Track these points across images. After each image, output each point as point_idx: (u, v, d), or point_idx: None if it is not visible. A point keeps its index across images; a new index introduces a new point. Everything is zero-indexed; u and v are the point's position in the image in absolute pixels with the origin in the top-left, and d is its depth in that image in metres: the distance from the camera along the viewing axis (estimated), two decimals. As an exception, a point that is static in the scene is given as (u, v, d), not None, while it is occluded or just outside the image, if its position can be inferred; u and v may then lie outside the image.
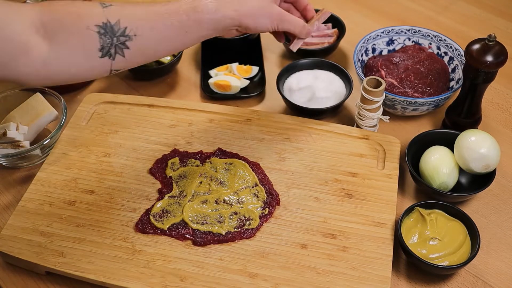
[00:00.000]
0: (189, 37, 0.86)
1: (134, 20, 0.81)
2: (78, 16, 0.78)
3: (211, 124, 1.08)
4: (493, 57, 0.96)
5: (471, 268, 0.91)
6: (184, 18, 0.83)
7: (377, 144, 1.04)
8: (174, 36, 0.84)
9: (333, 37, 1.28)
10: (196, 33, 0.86)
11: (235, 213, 0.93)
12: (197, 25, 0.85)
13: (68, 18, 0.78)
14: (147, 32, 0.81)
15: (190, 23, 0.84)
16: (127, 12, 0.81)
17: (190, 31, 0.85)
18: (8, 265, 0.92)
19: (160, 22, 0.82)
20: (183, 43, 0.87)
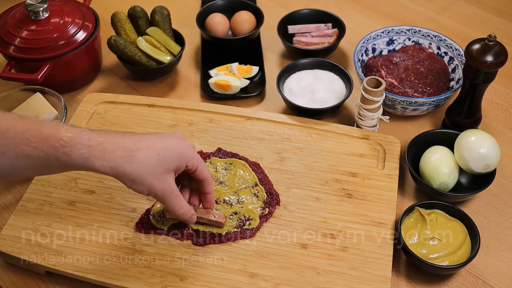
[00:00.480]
0: (52, 172, 0.79)
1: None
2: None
3: (211, 124, 1.08)
4: (493, 57, 0.96)
5: (471, 268, 0.91)
6: (42, 154, 0.73)
7: (377, 144, 1.04)
8: (31, 168, 0.75)
9: (333, 37, 1.28)
10: (61, 171, 0.78)
11: (235, 213, 0.93)
12: (60, 166, 0.75)
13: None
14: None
15: (51, 162, 0.74)
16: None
17: (53, 169, 0.76)
18: (8, 265, 0.92)
19: (16, 149, 0.72)
20: (45, 174, 0.80)
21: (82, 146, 0.74)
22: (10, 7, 1.21)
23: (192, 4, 1.47)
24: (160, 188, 0.79)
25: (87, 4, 1.26)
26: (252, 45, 1.30)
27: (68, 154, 0.73)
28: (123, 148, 0.76)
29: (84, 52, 1.18)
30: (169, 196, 0.81)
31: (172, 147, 0.79)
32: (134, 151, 0.76)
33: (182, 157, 0.80)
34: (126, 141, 0.77)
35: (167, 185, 0.80)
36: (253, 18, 1.30)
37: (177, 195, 0.82)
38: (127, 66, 1.22)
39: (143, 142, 0.78)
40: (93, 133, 0.76)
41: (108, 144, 0.75)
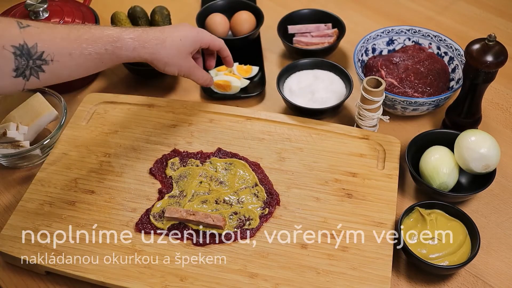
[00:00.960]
0: (104, 66, 0.91)
1: (53, 45, 0.82)
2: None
3: (211, 124, 1.08)
4: (493, 57, 0.96)
5: (471, 268, 0.91)
6: (102, 50, 0.88)
7: (377, 144, 1.04)
8: (90, 65, 0.89)
9: (333, 37, 1.28)
10: (111, 64, 0.92)
11: (235, 213, 0.93)
12: (114, 59, 0.91)
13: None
14: (64, 58, 0.84)
15: (107, 56, 0.89)
16: (46, 36, 0.82)
17: (105, 62, 0.90)
18: (8, 265, 0.92)
19: (78, 51, 0.85)
20: (97, 70, 0.93)
21: (128, 40, 0.91)
22: (10, 7, 1.21)
23: (192, 4, 1.47)
24: (186, 66, 1.01)
25: (87, 4, 1.26)
26: (252, 45, 1.30)
27: (119, 47, 0.90)
28: (156, 37, 0.95)
29: (84, 52, 1.17)
30: (194, 71, 1.03)
31: (187, 33, 1.00)
32: (164, 39, 0.96)
33: (196, 39, 1.01)
34: (154, 33, 0.96)
35: (190, 62, 1.02)
36: (253, 18, 1.30)
37: (199, 68, 1.05)
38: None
39: (167, 32, 0.97)
40: (130, 29, 0.93)
41: (145, 35, 0.94)
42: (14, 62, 0.78)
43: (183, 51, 0.99)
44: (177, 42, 0.97)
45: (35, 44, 0.80)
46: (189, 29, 1.01)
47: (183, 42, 0.98)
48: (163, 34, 0.96)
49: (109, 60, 0.90)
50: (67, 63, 0.85)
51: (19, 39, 0.79)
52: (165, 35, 0.96)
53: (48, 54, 0.81)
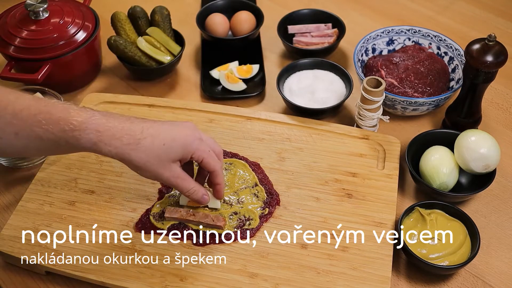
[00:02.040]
0: (62, 152, 0.83)
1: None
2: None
3: (211, 124, 1.08)
4: (493, 57, 0.96)
5: (471, 268, 0.91)
6: (56, 138, 0.75)
7: (377, 144, 1.04)
8: (43, 148, 0.78)
9: (333, 37, 1.28)
10: (68, 152, 0.83)
11: (235, 213, 0.93)
12: (69, 148, 0.78)
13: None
14: (10, 137, 0.75)
15: (61, 144, 0.76)
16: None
17: (60, 150, 0.80)
18: (8, 265, 0.92)
19: (26, 132, 0.75)
20: (54, 154, 0.83)
21: (90, 131, 0.76)
22: (10, 7, 1.21)
23: (192, 4, 1.47)
24: (165, 176, 0.81)
25: (87, 4, 1.26)
26: (252, 45, 1.30)
27: (77, 137, 0.75)
28: (130, 135, 0.78)
29: (84, 52, 1.18)
30: (176, 182, 0.83)
31: (178, 138, 0.81)
32: (140, 139, 0.78)
33: (187, 148, 0.81)
34: (134, 128, 0.78)
35: (172, 172, 0.82)
36: (253, 18, 1.30)
37: (184, 179, 0.84)
38: (127, 66, 1.22)
39: (151, 130, 0.79)
40: (103, 118, 0.77)
41: (116, 130, 0.77)
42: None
43: (164, 158, 0.80)
44: (158, 147, 0.79)
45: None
46: (185, 133, 0.82)
47: (166, 147, 0.79)
48: (143, 133, 0.78)
49: (65, 148, 0.78)
50: (13, 142, 0.75)
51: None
52: (145, 134, 0.78)
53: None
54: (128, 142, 0.77)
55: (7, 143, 0.76)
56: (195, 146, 0.82)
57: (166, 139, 0.80)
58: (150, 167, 0.80)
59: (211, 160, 0.85)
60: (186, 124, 0.84)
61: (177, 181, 0.83)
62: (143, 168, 0.80)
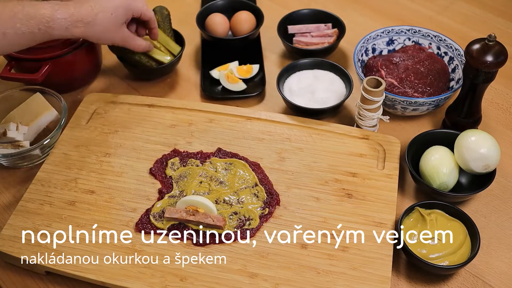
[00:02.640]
0: (35, 42, 0.96)
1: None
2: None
3: (211, 124, 1.08)
4: (493, 57, 0.96)
5: (471, 268, 0.91)
6: (35, 30, 0.93)
7: (377, 144, 1.04)
8: (23, 42, 0.95)
9: (333, 37, 1.28)
10: (43, 40, 0.97)
11: (235, 213, 0.93)
12: (47, 37, 0.96)
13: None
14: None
15: (40, 35, 0.94)
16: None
17: (38, 40, 0.96)
18: (8, 265, 0.92)
19: (13, 30, 0.91)
20: (29, 46, 0.97)
21: (60, 20, 0.95)
22: (10, 7, 1.21)
23: (192, 4, 1.47)
24: (119, 38, 1.06)
25: (87, 4, 1.25)
26: (252, 45, 1.30)
27: (52, 27, 0.95)
28: (87, 14, 0.98)
29: (84, 52, 1.17)
30: (127, 41, 1.08)
31: (119, 5, 1.02)
32: (95, 16, 0.99)
33: (129, 10, 1.04)
34: (87, 8, 0.98)
35: (123, 33, 1.06)
36: (253, 18, 1.30)
37: (133, 37, 1.09)
38: (127, 66, 1.22)
39: (98, 6, 0.99)
40: (63, 7, 0.96)
41: (77, 13, 0.97)
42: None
43: (115, 23, 1.02)
44: (108, 17, 1.00)
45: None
46: (124, 1, 1.03)
47: (114, 15, 1.01)
48: (94, 9, 0.98)
49: (41, 38, 0.95)
50: (1, 42, 0.91)
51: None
52: (96, 10, 0.99)
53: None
54: (88, 21, 0.98)
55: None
56: (133, 4, 1.04)
57: (111, 9, 1.00)
58: (107, 34, 1.03)
59: (147, 11, 1.08)
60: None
61: (128, 40, 1.07)
62: (103, 37, 1.03)
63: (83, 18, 0.97)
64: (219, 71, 1.22)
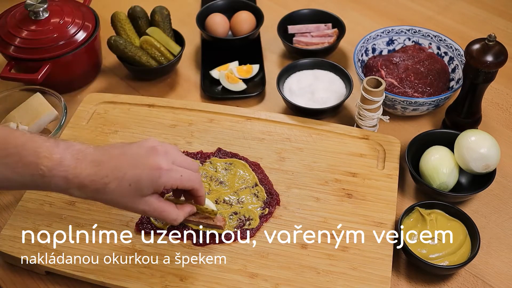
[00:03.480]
0: (29, 189, 0.83)
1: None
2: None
3: (211, 124, 1.08)
4: (493, 57, 0.96)
5: (471, 268, 0.91)
6: (26, 181, 0.76)
7: (377, 144, 1.04)
8: (11, 186, 0.81)
9: (333, 37, 1.28)
10: (38, 190, 0.84)
11: (235, 213, 0.93)
12: (41, 189, 0.79)
13: None
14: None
15: (32, 186, 0.78)
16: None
17: (32, 189, 0.84)
18: (8, 265, 0.92)
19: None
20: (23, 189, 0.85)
21: (59, 179, 0.75)
22: (10, 7, 1.21)
23: (192, 4, 1.47)
24: (141, 209, 0.79)
25: (87, 4, 1.26)
26: (252, 45, 1.30)
27: (47, 182, 0.76)
28: (96, 181, 0.76)
29: (84, 52, 1.18)
30: (153, 214, 0.80)
31: (143, 177, 0.76)
32: (107, 183, 0.76)
33: (156, 184, 0.77)
34: (100, 173, 0.76)
35: (149, 206, 0.79)
36: (253, 18, 1.30)
37: (163, 211, 0.80)
38: (127, 66, 1.22)
39: (116, 172, 0.76)
40: (72, 161, 0.76)
41: (83, 177, 0.76)
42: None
43: (135, 196, 0.77)
44: (125, 188, 0.76)
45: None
46: (149, 166, 0.77)
47: (133, 187, 0.76)
48: (109, 176, 0.76)
49: (35, 188, 0.80)
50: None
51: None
52: (110, 178, 0.76)
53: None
54: (95, 188, 0.76)
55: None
56: (163, 180, 0.78)
57: (130, 180, 0.76)
58: (123, 205, 0.79)
59: (186, 183, 0.80)
60: (150, 151, 0.78)
61: (154, 214, 0.80)
62: (117, 206, 0.80)
63: (91, 185, 0.76)
64: (219, 71, 1.22)
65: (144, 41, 1.20)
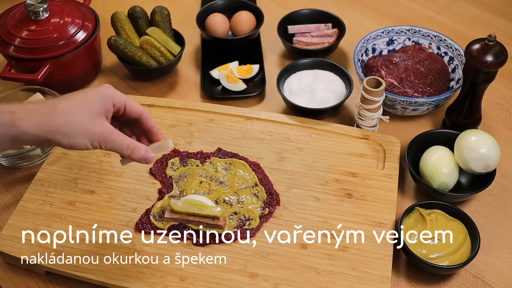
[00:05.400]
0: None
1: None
2: None
3: (211, 124, 1.08)
4: (493, 57, 0.96)
5: (471, 268, 0.91)
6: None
7: (377, 144, 1.04)
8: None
9: (333, 37, 1.28)
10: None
11: (235, 213, 0.93)
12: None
13: None
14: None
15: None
16: None
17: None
18: (8, 265, 0.92)
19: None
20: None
21: (4, 113, 0.70)
22: (10, 7, 1.21)
23: (192, 4, 1.47)
24: (99, 131, 0.73)
25: (87, 4, 1.26)
26: (252, 45, 1.30)
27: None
28: (45, 104, 0.73)
29: (84, 52, 1.18)
30: (111, 137, 0.74)
31: (91, 93, 0.76)
32: (56, 104, 0.73)
33: (105, 97, 0.76)
34: (47, 101, 0.75)
35: (104, 126, 0.74)
36: (253, 18, 1.30)
37: (119, 134, 0.76)
38: (127, 66, 1.22)
39: (62, 97, 0.75)
40: (16, 104, 0.73)
41: (31, 106, 0.72)
42: None
43: (88, 113, 0.73)
44: (75, 104, 0.73)
45: None
46: (97, 89, 0.77)
47: (84, 102, 0.74)
48: (55, 100, 0.74)
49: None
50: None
51: None
52: (57, 100, 0.74)
53: None
54: (45, 110, 0.71)
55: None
56: (112, 92, 0.77)
57: (79, 97, 0.74)
58: (78, 126, 0.72)
59: (134, 103, 0.79)
60: (100, 86, 0.79)
61: (112, 136, 0.74)
62: (73, 131, 0.72)
63: (39, 108, 0.71)
64: (219, 71, 1.22)
65: (144, 41, 1.20)
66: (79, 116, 0.73)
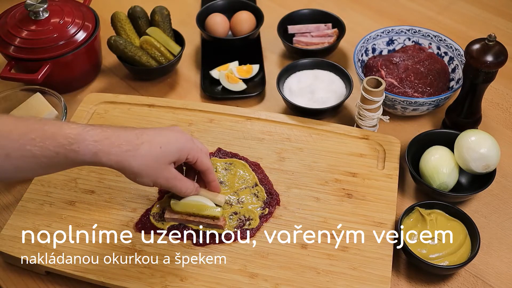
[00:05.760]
0: (56, 170, 0.79)
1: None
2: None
3: (211, 124, 1.08)
4: (493, 57, 0.96)
5: (471, 268, 0.91)
6: (52, 154, 0.73)
7: (377, 144, 1.04)
8: (35, 168, 0.75)
9: (333, 37, 1.28)
10: (66, 168, 0.79)
11: (235, 213, 0.93)
12: (66, 164, 0.76)
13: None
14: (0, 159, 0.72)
15: (57, 161, 0.74)
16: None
17: (54, 168, 0.77)
18: (8, 265, 0.92)
19: (19, 153, 0.72)
20: (48, 173, 0.81)
21: (89, 142, 0.75)
22: (10, 7, 1.21)
23: (192, 4, 1.47)
24: (164, 177, 0.83)
25: (87, 4, 1.26)
26: (252, 45, 1.30)
27: (76, 150, 0.74)
28: (128, 142, 0.78)
29: (84, 52, 1.18)
30: (174, 183, 0.84)
31: (172, 141, 0.82)
32: (139, 145, 0.79)
33: (183, 150, 0.83)
34: (129, 135, 0.79)
35: (170, 173, 0.83)
36: (253, 18, 1.30)
37: (181, 179, 0.86)
38: (127, 66, 1.22)
39: (145, 136, 0.80)
40: (97, 128, 0.78)
41: (114, 138, 0.77)
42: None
43: (162, 161, 0.81)
44: (155, 150, 0.80)
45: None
46: (176, 136, 0.84)
47: (163, 150, 0.81)
48: (139, 138, 0.79)
49: (58, 165, 0.76)
50: (3, 164, 0.72)
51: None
52: (141, 139, 0.79)
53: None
54: (127, 148, 0.78)
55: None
56: (189, 147, 0.84)
57: (161, 142, 0.81)
58: (149, 171, 0.80)
59: (204, 159, 0.87)
60: (175, 128, 0.86)
61: (175, 182, 0.84)
62: (143, 174, 0.80)
63: (123, 143, 0.77)
64: (219, 71, 1.22)
65: (144, 41, 1.20)
66: (155, 163, 0.80)
